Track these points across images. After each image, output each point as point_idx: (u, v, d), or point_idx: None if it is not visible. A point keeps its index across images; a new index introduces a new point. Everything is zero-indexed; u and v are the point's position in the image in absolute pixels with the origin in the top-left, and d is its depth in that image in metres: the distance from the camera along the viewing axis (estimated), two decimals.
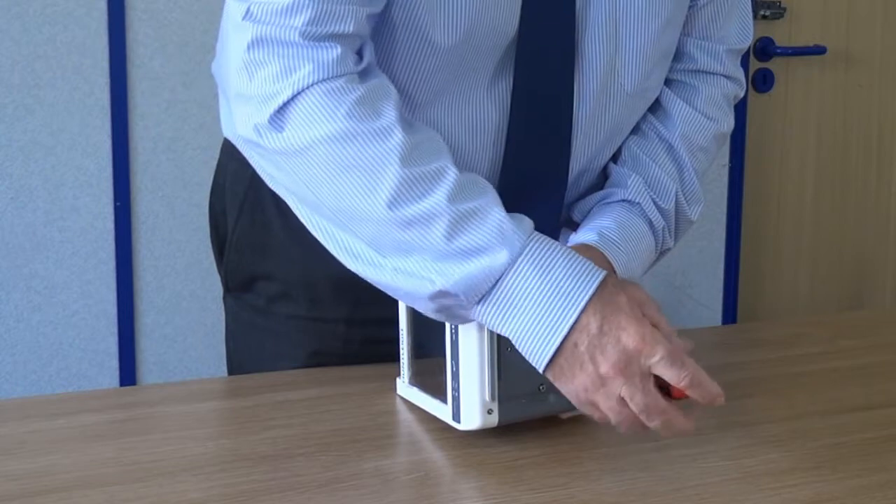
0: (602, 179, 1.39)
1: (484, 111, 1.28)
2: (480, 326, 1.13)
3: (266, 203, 1.38)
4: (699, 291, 3.18)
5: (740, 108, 1.35)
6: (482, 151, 1.30)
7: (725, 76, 1.42)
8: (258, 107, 1.13)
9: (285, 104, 1.12)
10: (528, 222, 1.13)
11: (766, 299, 3.29)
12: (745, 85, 1.47)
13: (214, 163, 1.48)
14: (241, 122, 1.16)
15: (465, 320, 1.13)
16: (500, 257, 1.09)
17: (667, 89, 1.40)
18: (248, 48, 1.14)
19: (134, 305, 2.69)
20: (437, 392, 1.20)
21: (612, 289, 1.09)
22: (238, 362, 1.48)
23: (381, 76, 1.18)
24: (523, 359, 1.10)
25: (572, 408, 1.14)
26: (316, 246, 1.18)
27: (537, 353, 1.09)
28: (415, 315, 1.24)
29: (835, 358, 1.45)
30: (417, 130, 1.16)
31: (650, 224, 1.33)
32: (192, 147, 2.67)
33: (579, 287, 1.08)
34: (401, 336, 1.26)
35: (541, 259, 1.09)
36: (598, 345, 1.07)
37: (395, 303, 1.25)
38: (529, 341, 1.09)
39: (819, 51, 3.17)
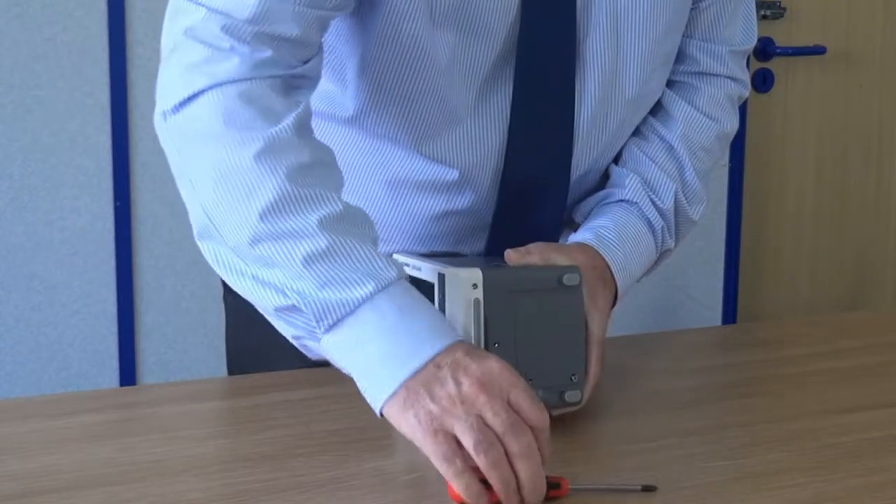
0: (605, 180, 1.39)
1: None
2: (466, 326, 1.12)
3: None
4: (699, 291, 3.17)
5: (740, 108, 1.35)
6: (484, 158, 1.30)
7: (729, 77, 1.42)
8: (173, 88, 1.15)
9: (197, 94, 1.13)
10: (399, 266, 1.08)
11: (766, 299, 3.29)
12: (749, 85, 1.46)
13: None
14: (158, 94, 1.18)
15: (316, 354, 1.10)
16: (363, 289, 1.04)
17: (668, 90, 1.39)
18: (186, 31, 1.16)
19: (134, 305, 2.69)
20: None
21: (468, 355, 1.03)
22: (238, 362, 1.48)
23: (308, 95, 1.17)
24: (509, 357, 1.09)
25: (558, 405, 1.14)
26: None
27: (383, 384, 1.03)
28: None
29: (835, 358, 1.45)
30: (316, 149, 1.13)
31: (648, 224, 1.33)
32: None
33: (436, 335, 1.03)
34: None
35: (402, 301, 1.05)
36: (462, 365, 1.01)
37: None
38: (376, 373, 1.04)
39: (819, 51, 3.17)
